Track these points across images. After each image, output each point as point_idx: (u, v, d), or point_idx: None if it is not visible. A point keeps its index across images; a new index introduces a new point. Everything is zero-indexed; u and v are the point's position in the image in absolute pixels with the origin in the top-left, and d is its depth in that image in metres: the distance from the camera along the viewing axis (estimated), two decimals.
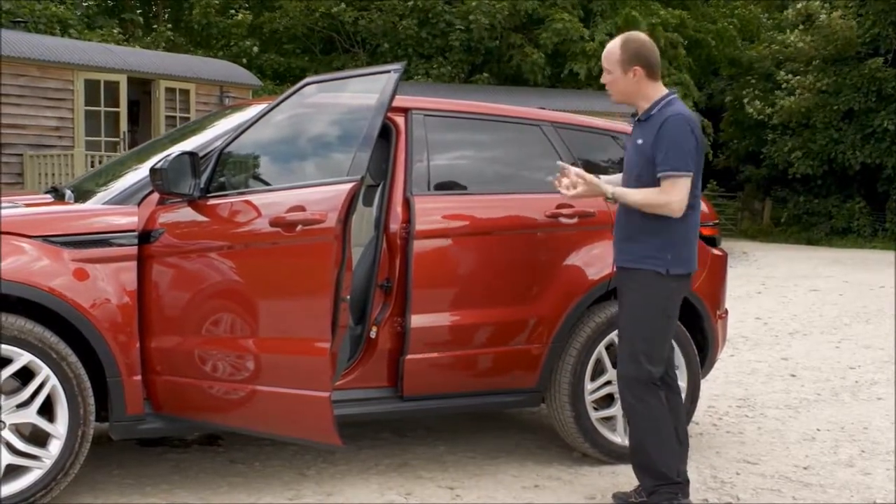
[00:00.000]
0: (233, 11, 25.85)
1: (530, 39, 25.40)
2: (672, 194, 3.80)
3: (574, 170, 4.01)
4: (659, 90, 3.96)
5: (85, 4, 27.35)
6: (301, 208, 3.81)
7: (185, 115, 16.58)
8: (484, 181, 4.76)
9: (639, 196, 3.85)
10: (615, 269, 4.09)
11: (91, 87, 15.45)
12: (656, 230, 3.88)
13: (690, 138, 3.83)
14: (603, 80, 4.03)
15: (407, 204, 4.41)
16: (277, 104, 4.05)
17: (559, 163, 4.17)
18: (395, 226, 4.40)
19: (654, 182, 3.85)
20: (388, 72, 3.98)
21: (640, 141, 3.93)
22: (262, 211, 3.87)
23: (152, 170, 3.84)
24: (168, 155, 3.90)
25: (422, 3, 25.03)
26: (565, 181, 4.00)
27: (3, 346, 3.63)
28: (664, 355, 4.02)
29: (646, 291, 3.92)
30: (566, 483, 4.49)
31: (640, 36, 4.03)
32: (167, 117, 16.52)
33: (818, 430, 5.61)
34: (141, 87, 16.70)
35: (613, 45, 3.97)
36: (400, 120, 4.53)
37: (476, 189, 4.73)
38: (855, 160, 25.33)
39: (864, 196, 26.23)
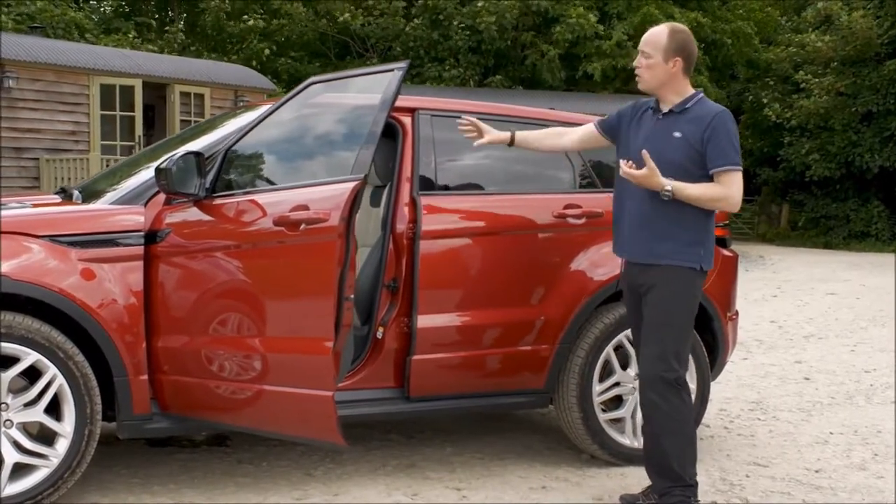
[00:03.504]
0: (246, 17, 25.93)
1: (545, 39, 25.32)
2: (732, 187, 3.80)
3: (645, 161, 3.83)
4: (689, 86, 3.96)
5: (101, 9, 27.56)
6: (305, 207, 3.81)
7: (200, 119, 16.65)
8: (491, 181, 4.76)
9: (699, 190, 3.80)
10: (633, 265, 4.02)
11: (107, 91, 15.56)
12: (690, 225, 3.86)
13: (737, 134, 3.87)
14: (637, 63, 3.97)
15: (413, 204, 4.41)
16: (282, 104, 4.06)
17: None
18: (401, 226, 4.39)
19: (701, 175, 3.82)
20: (392, 70, 3.99)
21: (677, 134, 3.87)
22: (267, 210, 3.87)
23: (158, 170, 3.86)
24: (173, 155, 3.92)
25: (432, 2, 24.98)
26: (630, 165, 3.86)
27: (11, 344, 3.64)
28: (688, 355, 4.01)
29: (678, 288, 3.88)
30: (574, 485, 4.47)
31: (686, 29, 4.01)
32: (182, 121, 16.61)
33: (831, 433, 5.57)
34: (156, 91, 16.81)
35: (660, 31, 3.94)
36: (407, 120, 4.53)
37: (483, 189, 4.73)
38: (873, 163, 25.17)
39: (882, 200, 26.05)
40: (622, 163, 3.84)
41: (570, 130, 4.39)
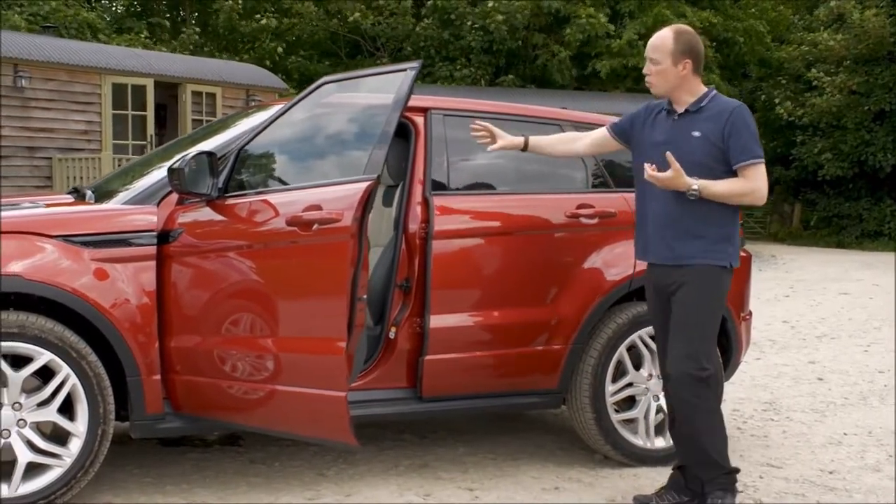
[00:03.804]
0: (258, 15, 25.99)
1: (556, 40, 25.28)
2: (758, 181, 3.80)
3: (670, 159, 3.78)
4: (701, 84, 3.94)
5: (113, 8, 27.64)
6: (317, 207, 3.80)
7: (212, 119, 16.67)
8: (504, 181, 4.75)
9: (725, 186, 3.78)
10: (658, 267, 3.98)
11: (119, 90, 15.60)
12: (717, 223, 3.84)
13: (756, 126, 3.86)
14: (647, 70, 3.95)
15: (426, 204, 4.40)
16: (295, 103, 4.05)
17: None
18: (414, 226, 4.39)
19: (724, 172, 3.80)
20: (405, 70, 3.98)
21: (696, 133, 3.84)
22: (280, 210, 3.87)
23: (170, 170, 3.86)
24: (186, 155, 3.92)
25: (442, 3, 24.95)
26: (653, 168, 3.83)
27: (24, 344, 3.65)
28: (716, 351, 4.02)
29: (708, 287, 3.86)
30: (587, 485, 4.46)
31: (690, 29, 3.99)
32: (194, 121, 16.64)
33: (845, 434, 5.54)
34: (168, 90, 16.84)
35: (664, 36, 3.91)
36: (419, 120, 4.52)
37: (496, 189, 4.73)
38: (886, 162, 25.05)
39: (895, 199, 25.91)
40: (646, 166, 3.80)
41: (583, 135, 4.38)
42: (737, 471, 4.00)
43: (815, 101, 25.47)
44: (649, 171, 3.77)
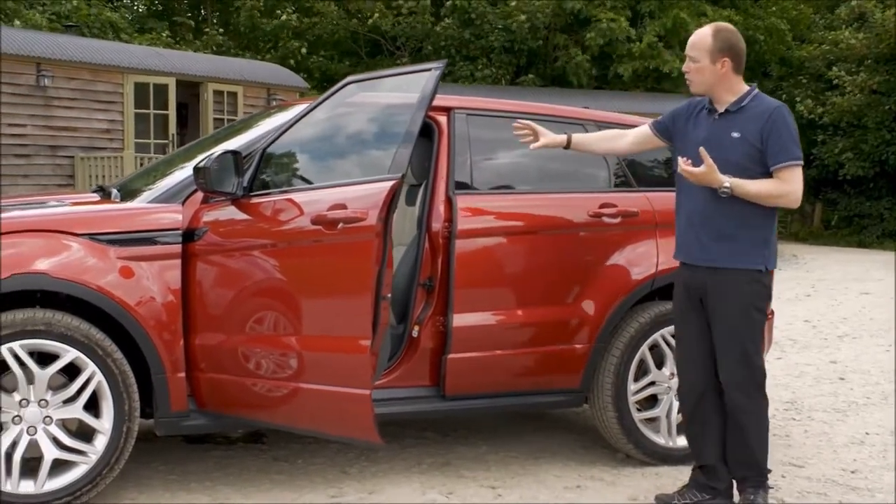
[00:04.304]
0: (279, 12, 26.04)
1: (576, 41, 25.24)
2: (794, 183, 3.75)
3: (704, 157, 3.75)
4: (742, 83, 3.89)
5: (135, 7, 27.78)
6: (342, 206, 3.82)
7: (233, 118, 16.73)
8: (527, 180, 4.75)
9: (759, 186, 3.74)
10: (689, 266, 3.95)
11: (141, 90, 15.67)
12: (755, 225, 3.81)
13: (796, 128, 3.82)
14: (686, 67, 3.93)
15: (449, 203, 4.41)
16: (319, 103, 4.07)
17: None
18: (437, 225, 4.40)
19: (762, 173, 3.76)
20: (429, 69, 3.99)
21: (736, 134, 3.80)
22: (304, 209, 3.89)
23: (196, 169, 3.88)
24: (211, 154, 3.94)
25: (461, 2, 24.91)
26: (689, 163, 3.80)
27: (51, 342, 3.69)
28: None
29: (744, 294, 3.83)
30: (609, 484, 4.46)
31: (732, 27, 3.95)
32: (215, 119, 16.69)
33: (867, 433, 5.51)
34: (189, 89, 16.90)
35: (704, 34, 3.88)
36: (442, 119, 4.53)
37: (519, 188, 4.73)
38: None
39: None
40: (680, 160, 3.78)
41: (625, 133, 4.33)
42: (769, 471, 4.02)
43: (836, 100, 25.28)
44: (682, 165, 3.75)
